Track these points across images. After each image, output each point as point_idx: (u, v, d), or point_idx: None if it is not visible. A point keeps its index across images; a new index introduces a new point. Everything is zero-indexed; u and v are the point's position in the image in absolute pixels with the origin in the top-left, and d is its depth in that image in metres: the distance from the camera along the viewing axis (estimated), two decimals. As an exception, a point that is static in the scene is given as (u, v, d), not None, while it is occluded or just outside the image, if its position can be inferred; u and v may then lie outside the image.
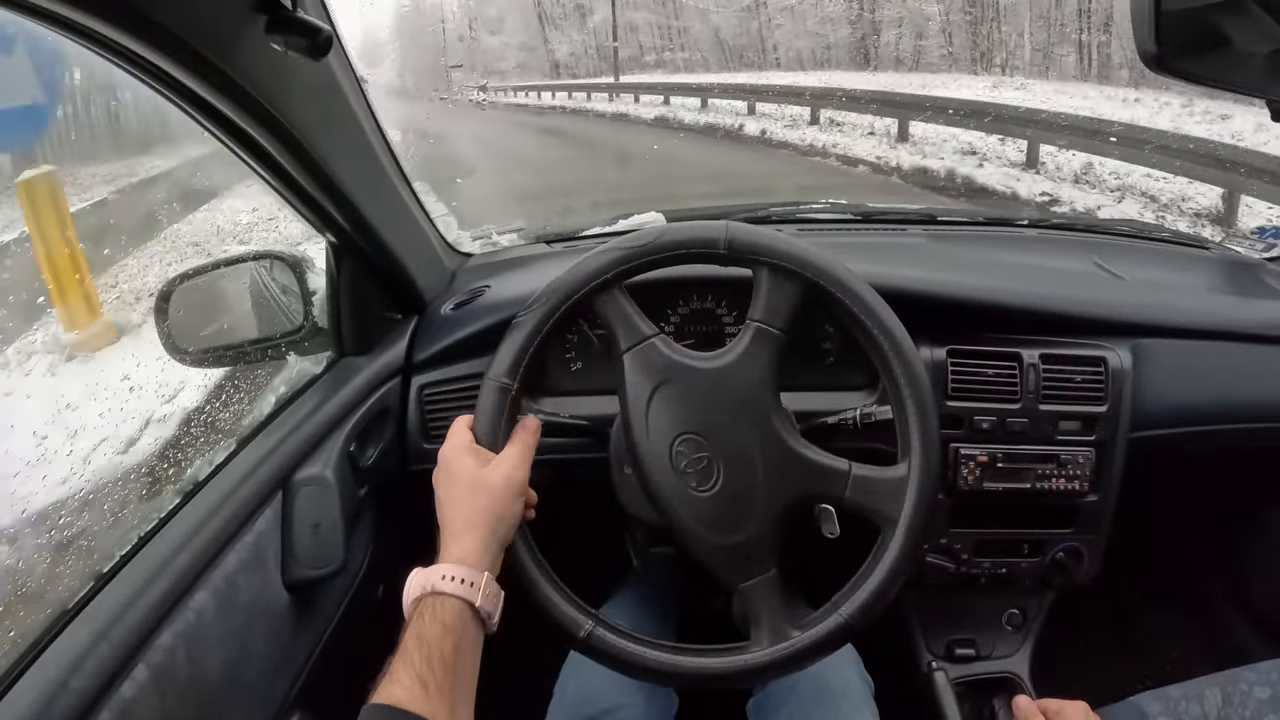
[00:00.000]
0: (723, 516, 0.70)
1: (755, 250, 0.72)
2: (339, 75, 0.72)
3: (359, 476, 0.87)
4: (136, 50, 0.52)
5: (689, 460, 0.70)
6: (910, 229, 1.26)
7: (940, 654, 1.08)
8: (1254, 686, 0.93)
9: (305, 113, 0.67)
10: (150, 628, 0.60)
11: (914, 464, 0.70)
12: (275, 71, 0.61)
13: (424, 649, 0.57)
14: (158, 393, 1.72)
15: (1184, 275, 1.21)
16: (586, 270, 0.72)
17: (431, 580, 0.61)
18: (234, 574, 0.69)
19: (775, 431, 0.71)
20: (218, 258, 0.94)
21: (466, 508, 0.65)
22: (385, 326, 0.97)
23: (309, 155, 0.70)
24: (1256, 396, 1.06)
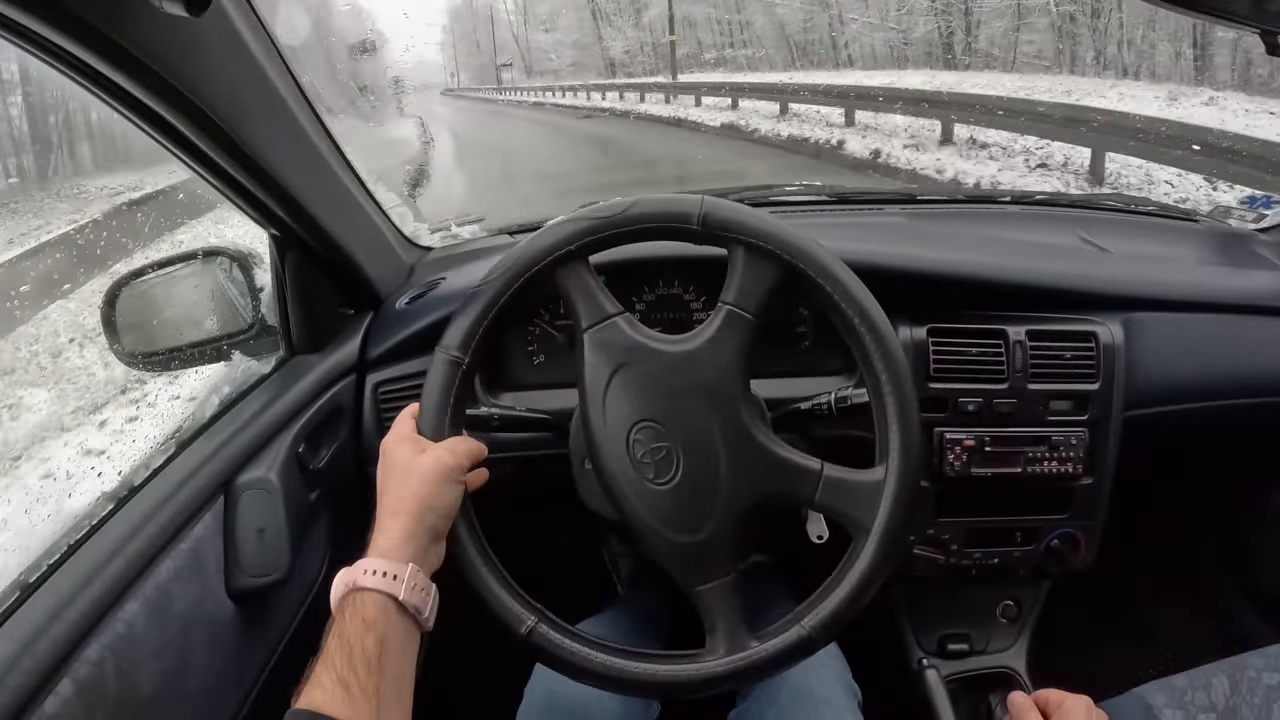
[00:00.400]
0: (681, 512, 0.65)
1: (731, 227, 0.67)
2: (256, 51, 0.68)
3: (309, 479, 0.84)
4: (17, 19, 0.49)
5: (647, 450, 0.66)
6: (887, 208, 1.23)
7: (932, 650, 1.04)
8: (1263, 673, 0.89)
9: (225, 94, 0.64)
10: (76, 639, 0.57)
11: (891, 468, 0.65)
12: (176, 42, 0.58)
13: (345, 649, 0.54)
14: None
15: (1173, 248, 1.17)
16: (548, 240, 0.67)
17: (353, 576, 0.58)
18: (168, 582, 0.66)
19: (742, 423, 0.66)
20: (163, 257, 0.92)
21: (394, 496, 0.61)
22: (338, 323, 0.94)
23: (233, 142, 0.67)
24: (1255, 370, 1.03)
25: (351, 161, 0.87)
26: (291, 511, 0.78)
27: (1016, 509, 0.98)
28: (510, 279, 0.68)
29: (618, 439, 0.66)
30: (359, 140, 11.76)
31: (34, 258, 2.80)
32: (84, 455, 1.92)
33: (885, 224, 1.16)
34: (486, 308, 0.67)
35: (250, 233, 0.90)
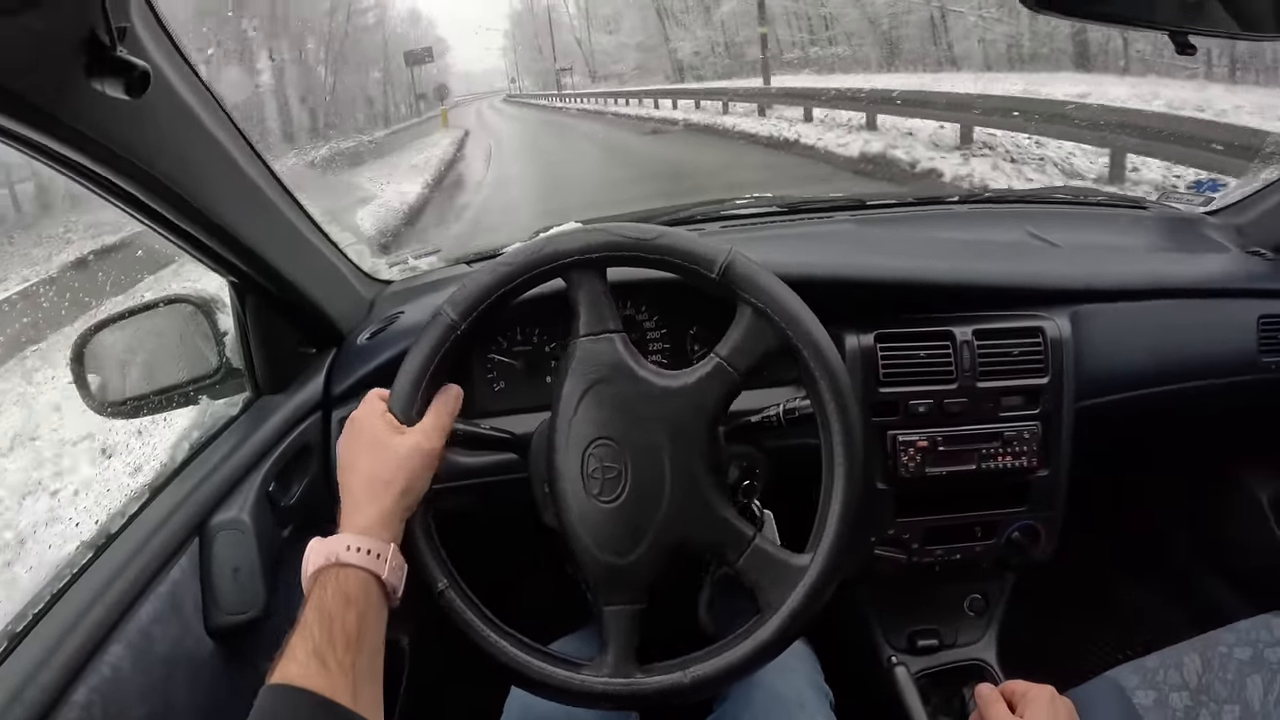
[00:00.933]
0: (615, 534, 0.68)
1: (748, 288, 0.68)
2: (199, 111, 0.71)
3: (281, 516, 0.87)
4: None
5: (600, 466, 0.69)
6: (837, 216, 1.26)
7: (902, 647, 1.07)
8: (1234, 648, 0.92)
9: (167, 153, 0.67)
10: (64, 685, 0.60)
11: (817, 562, 0.67)
12: (122, 115, 0.61)
13: (324, 622, 0.55)
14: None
15: (1122, 237, 1.21)
16: (574, 244, 0.69)
17: (335, 550, 0.59)
18: (149, 625, 0.69)
19: (695, 469, 0.68)
20: (129, 306, 0.95)
21: (369, 475, 0.63)
22: (301, 362, 0.97)
23: (182, 199, 0.70)
24: (1200, 354, 1.07)
25: (303, 204, 0.89)
26: (264, 549, 0.81)
27: (975, 504, 1.01)
28: (533, 263, 0.69)
29: (576, 450, 0.69)
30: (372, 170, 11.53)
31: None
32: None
33: (833, 232, 1.20)
34: (498, 283, 0.69)
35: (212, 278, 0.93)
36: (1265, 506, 1.21)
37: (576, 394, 0.69)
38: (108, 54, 0.53)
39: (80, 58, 0.53)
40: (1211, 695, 0.88)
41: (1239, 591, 1.29)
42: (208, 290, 0.96)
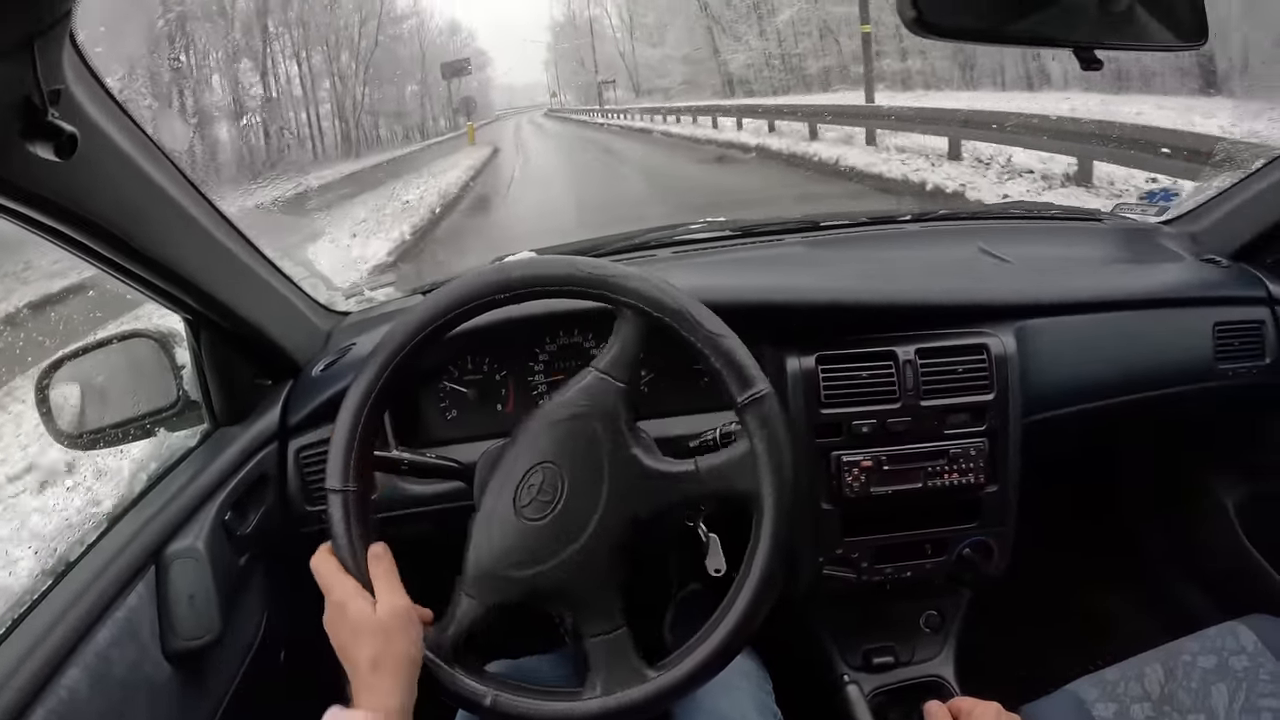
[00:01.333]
0: (525, 548, 0.71)
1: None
2: (141, 161, 0.75)
3: (237, 544, 0.90)
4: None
5: (538, 488, 0.72)
6: (788, 238, 1.28)
7: (857, 665, 1.08)
8: (1198, 656, 0.92)
9: (112, 203, 0.71)
10: (21, 708, 0.62)
11: (664, 679, 0.70)
12: (64, 171, 0.64)
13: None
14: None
15: (1075, 250, 1.23)
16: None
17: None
18: (106, 649, 0.71)
19: (614, 539, 0.71)
20: (88, 341, 0.97)
21: (371, 654, 0.68)
22: (257, 394, 1.00)
23: (129, 245, 0.73)
24: (1154, 364, 1.08)
25: (253, 240, 0.93)
26: (220, 576, 0.84)
27: (924, 522, 1.02)
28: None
29: (516, 476, 0.73)
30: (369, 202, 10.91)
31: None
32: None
33: (782, 255, 1.21)
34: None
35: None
36: (1231, 512, 1.22)
37: (557, 418, 0.73)
38: (40, 117, 0.57)
39: (16, 120, 0.57)
40: (1175, 705, 0.88)
41: (1208, 598, 1.30)
42: (165, 325, 0.99)
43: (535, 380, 1.00)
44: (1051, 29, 0.67)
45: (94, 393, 1.01)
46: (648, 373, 1.00)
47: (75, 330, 2.32)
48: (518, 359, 0.99)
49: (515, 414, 0.99)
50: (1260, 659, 0.88)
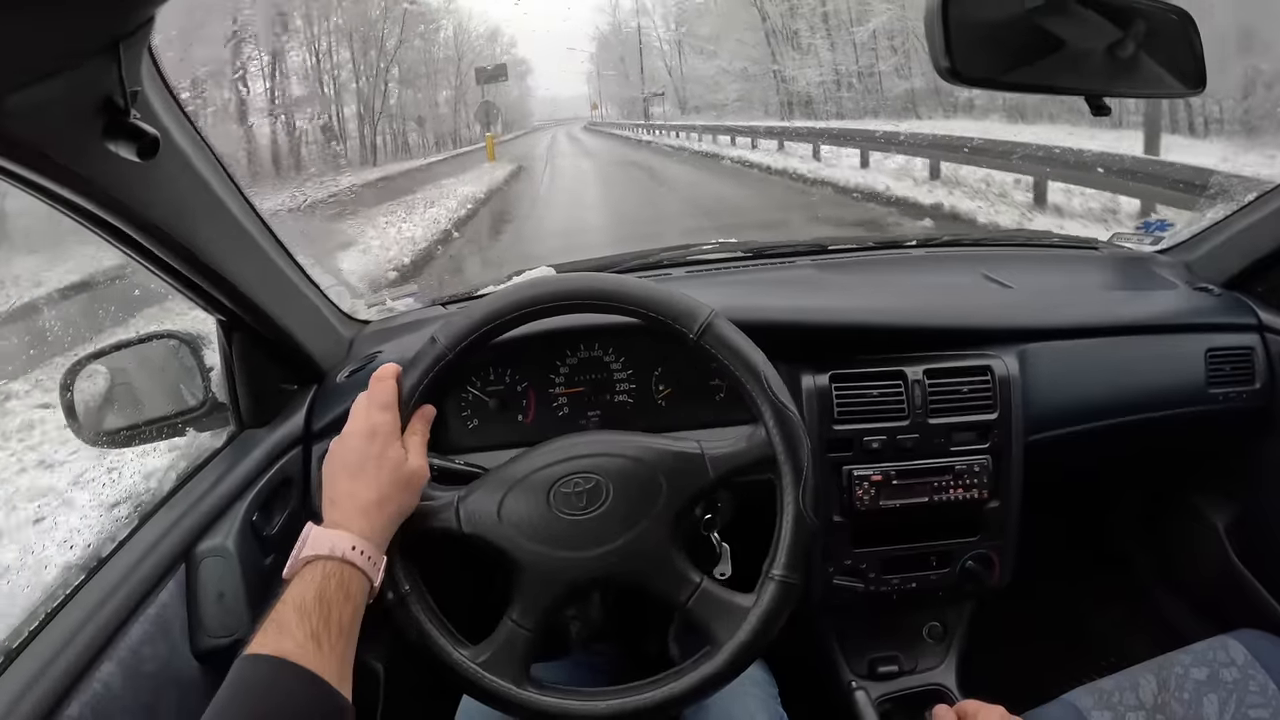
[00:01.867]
0: (569, 535, 0.76)
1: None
2: (201, 167, 0.79)
3: (264, 545, 0.92)
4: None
5: (575, 491, 0.77)
6: (799, 261, 1.34)
7: (863, 672, 1.13)
8: (1190, 668, 0.96)
9: (169, 204, 0.74)
10: (56, 700, 0.64)
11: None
12: (132, 169, 0.67)
13: (323, 610, 0.61)
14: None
15: (1073, 277, 1.29)
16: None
17: (341, 547, 0.66)
18: (139, 645, 0.74)
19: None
20: (119, 340, 1.00)
21: (377, 491, 0.70)
22: (283, 398, 1.03)
23: (178, 244, 0.77)
24: (1149, 387, 1.14)
25: (289, 249, 0.96)
26: (249, 576, 0.87)
27: (929, 535, 1.07)
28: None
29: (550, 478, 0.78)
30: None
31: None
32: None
33: (794, 277, 1.27)
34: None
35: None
36: (1220, 532, 1.28)
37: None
38: (121, 118, 0.60)
39: (98, 120, 0.60)
40: (1168, 715, 0.93)
41: (1197, 615, 1.35)
42: (194, 327, 1.01)
43: (555, 392, 1.03)
44: (1066, 78, 0.73)
45: (120, 391, 1.03)
46: (664, 388, 1.04)
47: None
48: (539, 371, 1.03)
49: (535, 425, 1.03)
50: (1250, 671, 0.93)
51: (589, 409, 1.03)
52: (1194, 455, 1.30)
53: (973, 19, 0.64)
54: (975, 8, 0.65)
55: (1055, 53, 0.71)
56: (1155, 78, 0.77)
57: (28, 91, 0.54)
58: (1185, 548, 1.36)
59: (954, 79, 0.64)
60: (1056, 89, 0.75)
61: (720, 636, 0.75)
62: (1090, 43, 0.75)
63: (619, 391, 1.03)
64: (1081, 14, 0.72)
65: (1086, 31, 0.74)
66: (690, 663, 0.76)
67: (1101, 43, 0.75)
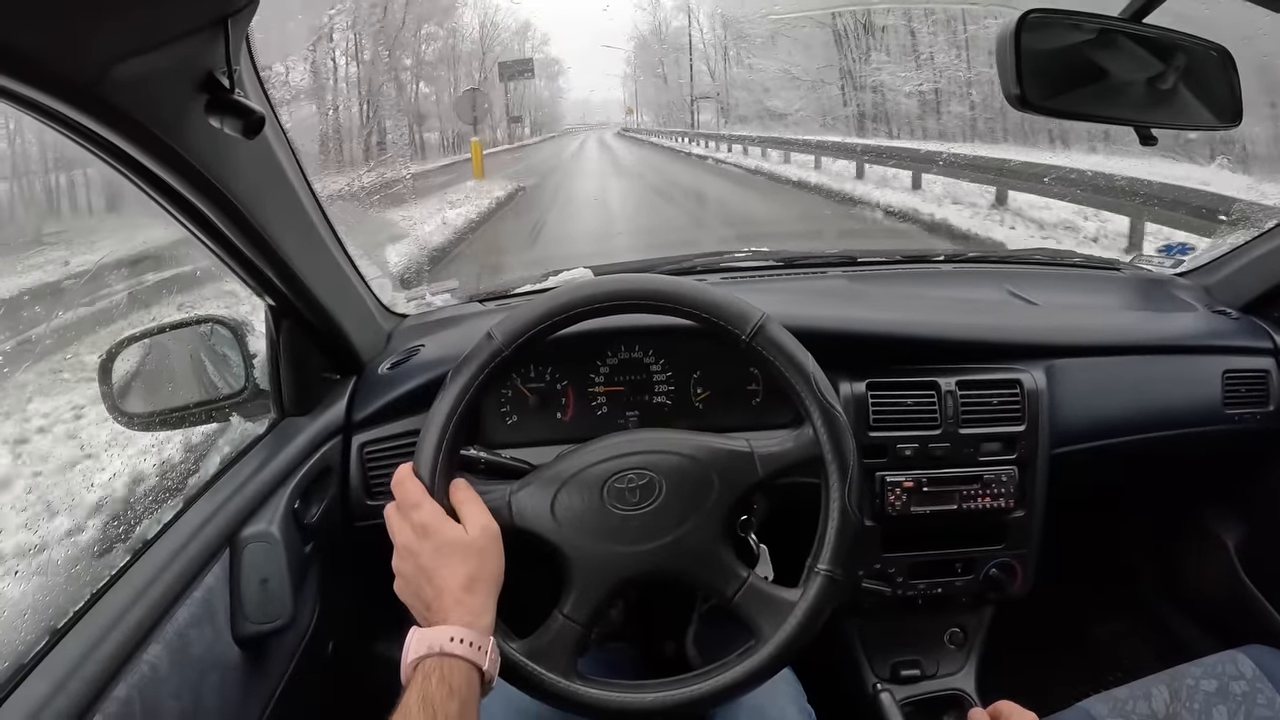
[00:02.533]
0: (620, 530, 0.78)
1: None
2: (276, 149, 0.81)
3: (304, 533, 0.94)
4: (92, 128, 0.60)
5: (629, 487, 0.79)
6: (830, 271, 1.38)
7: (885, 676, 1.16)
8: (1200, 680, 1.00)
9: (246, 184, 0.76)
10: (106, 680, 0.65)
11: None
12: (218, 147, 0.70)
13: (429, 711, 0.60)
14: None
15: (1096, 296, 1.34)
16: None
17: (439, 642, 0.65)
18: (185, 628, 0.75)
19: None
20: (162, 322, 1.02)
21: (467, 573, 0.69)
22: (325, 387, 1.04)
23: (249, 224, 0.78)
24: (1168, 405, 1.18)
25: (343, 239, 0.98)
26: (291, 562, 0.88)
27: (955, 542, 1.11)
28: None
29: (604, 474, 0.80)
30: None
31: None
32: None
33: (829, 288, 1.31)
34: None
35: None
36: (1231, 550, 1.33)
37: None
38: (226, 95, 0.62)
39: (201, 95, 0.62)
40: None
41: (1205, 630, 1.39)
42: (238, 314, 1.03)
43: (595, 391, 1.06)
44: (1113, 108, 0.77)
45: (160, 374, 1.05)
46: (703, 391, 1.07)
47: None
48: (579, 370, 1.05)
49: (573, 423, 1.05)
50: (1259, 685, 0.97)
51: (627, 409, 1.06)
52: (1208, 473, 1.34)
53: (1038, 49, 0.68)
54: (1041, 40, 0.68)
55: (1103, 83, 0.75)
56: (1195, 110, 0.81)
57: (133, 62, 0.55)
58: (1195, 563, 1.40)
59: (1021, 106, 0.67)
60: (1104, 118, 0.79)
61: (766, 631, 0.77)
62: (1134, 75, 0.79)
63: (658, 393, 1.06)
64: (1129, 49, 0.76)
65: (1132, 65, 0.78)
66: (735, 656, 0.77)
67: (1144, 75, 0.79)
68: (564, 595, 0.79)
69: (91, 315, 1.84)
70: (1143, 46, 0.77)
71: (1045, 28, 0.69)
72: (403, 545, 0.72)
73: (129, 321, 1.70)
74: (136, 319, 1.57)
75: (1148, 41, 0.76)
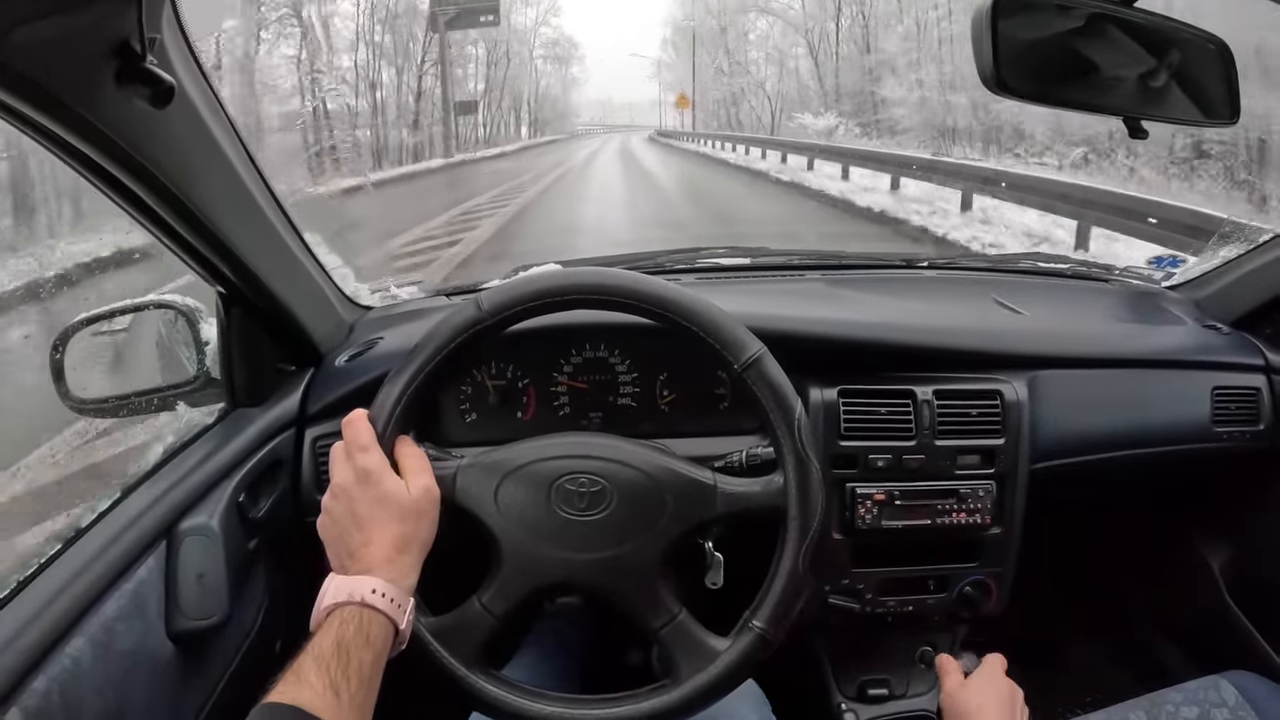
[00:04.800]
0: (582, 536, 0.75)
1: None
2: (212, 127, 0.76)
3: (249, 528, 0.90)
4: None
5: (578, 490, 0.75)
6: (809, 274, 1.34)
7: (853, 695, 1.12)
8: (1181, 707, 0.96)
9: (177, 162, 0.72)
10: (24, 671, 0.62)
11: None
12: (144, 121, 0.66)
13: (343, 658, 0.59)
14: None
15: (1084, 307, 1.30)
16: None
17: (360, 591, 0.63)
18: (113, 622, 0.72)
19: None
20: (116, 305, 0.98)
21: (400, 532, 0.68)
22: (279, 378, 1.01)
23: (184, 205, 0.74)
24: (1155, 421, 1.14)
25: (297, 225, 0.94)
26: (231, 558, 0.85)
27: (928, 558, 1.06)
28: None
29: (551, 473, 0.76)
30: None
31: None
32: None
33: (805, 290, 1.26)
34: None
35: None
36: (1215, 572, 1.28)
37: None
38: (138, 63, 0.59)
39: (111, 63, 0.58)
40: None
41: (1187, 653, 1.36)
42: (192, 300, 0.99)
43: (557, 390, 1.02)
44: (1101, 98, 0.73)
45: (111, 359, 1.01)
46: (669, 393, 1.03)
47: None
48: (541, 368, 1.01)
49: (534, 423, 1.01)
50: (1241, 713, 0.93)
51: (591, 410, 1.02)
52: (1194, 492, 1.30)
53: (1018, 34, 0.64)
54: (1021, 25, 0.65)
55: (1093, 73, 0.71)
56: (1187, 106, 0.77)
57: (36, 25, 0.52)
58: (1179, 584, 1.36)
59: (999, 90, 0.64)
60: (1090, 107, 0.75)
61: (684, 673, 0.74)
62: (1125, 68, 0.75)
63: (622, 394, 1.02)
64: (1119, 39, 0.72)
65: (1122, 57, 0.74)
66: (646, 691, 0.74)
67: (1135, 69, 0.75)
68: (486, 583, 0.76)
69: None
70: (1134, 36, 0.73)
71: (1025, 11, 0.65)
72: (339, 485, 0.70)
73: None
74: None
75: (1139, 31, 0.72)
